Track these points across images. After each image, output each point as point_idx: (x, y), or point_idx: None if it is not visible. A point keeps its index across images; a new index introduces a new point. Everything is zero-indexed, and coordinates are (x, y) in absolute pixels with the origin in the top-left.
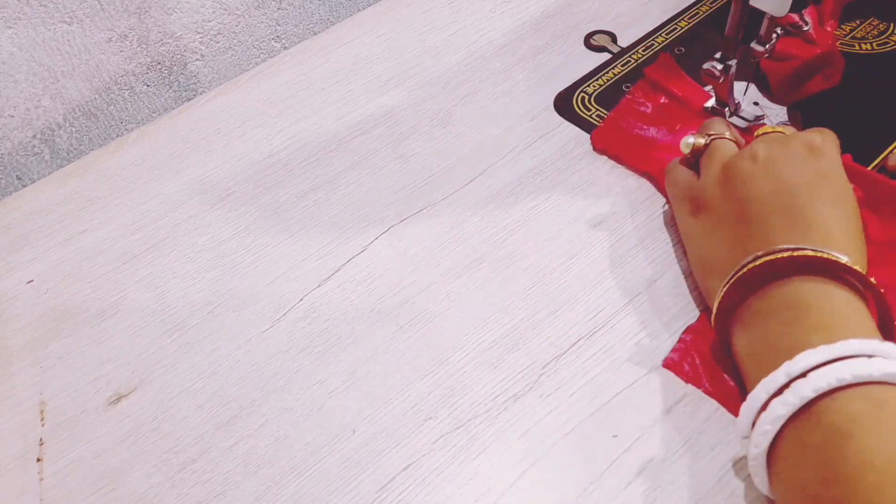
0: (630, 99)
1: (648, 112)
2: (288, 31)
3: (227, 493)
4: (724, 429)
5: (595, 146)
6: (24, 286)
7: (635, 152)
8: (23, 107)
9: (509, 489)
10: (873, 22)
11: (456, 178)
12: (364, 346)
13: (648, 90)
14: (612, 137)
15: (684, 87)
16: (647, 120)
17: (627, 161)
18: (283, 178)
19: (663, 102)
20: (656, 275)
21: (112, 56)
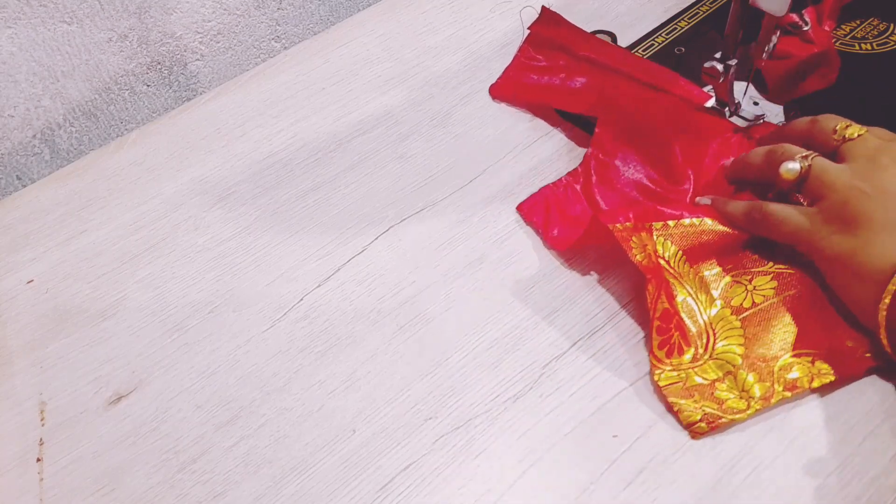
0: (523, 53)
1: (542, 65)
2: (288, 31)
3: (227, 493)
4: (724, 429)
5: (493, 96)
6: (24, 286)
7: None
8: (23, 107)
9: (509, 489)
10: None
11: (456, 178)
12: (364, 346)
13: (538, 45)
14: (509, 89)
15: (571, 36)
16: (540, 72)
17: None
18: (283, 178)
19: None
20: None
21: (112, 56)
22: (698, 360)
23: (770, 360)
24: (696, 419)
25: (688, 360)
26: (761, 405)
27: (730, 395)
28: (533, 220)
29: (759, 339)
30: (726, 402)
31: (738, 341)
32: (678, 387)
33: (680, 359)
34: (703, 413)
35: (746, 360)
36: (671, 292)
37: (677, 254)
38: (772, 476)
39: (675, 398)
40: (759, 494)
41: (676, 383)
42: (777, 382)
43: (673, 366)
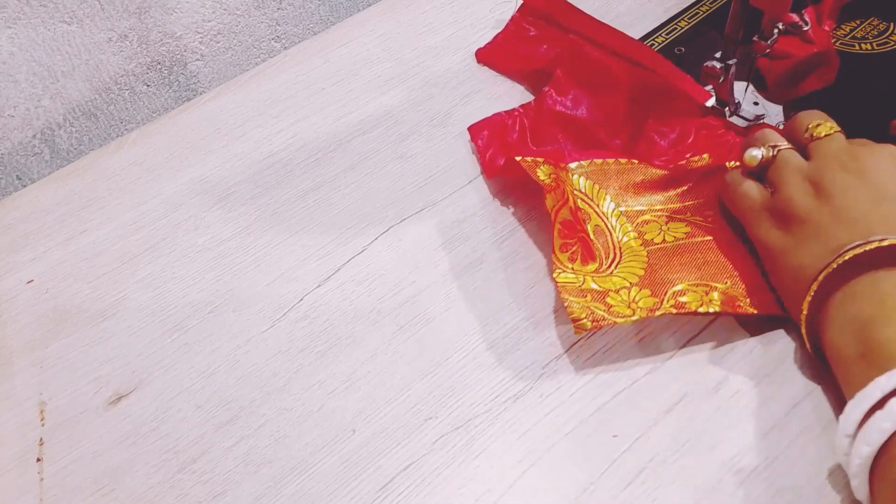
0: (514, 23)
1: (532, 34)
2: (288, 31)
3: (227, 493)
4: (725, 429)
5: (479, 61)
6: (24, 286)
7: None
8: (23, 107)
9: (509, 489)
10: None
11: (456, 178)
12: (364, 346)
13: (530, 16)
14: (496, 56)
15: (564, 11)
16: (529, 42)
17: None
18: (283, 178)
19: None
20: None
21: (112, 56)
22: (600, 272)
23: (667, 283)
24: (581, 316)
25: (589, 270)
26: (646, 314)
27: (619, 303)
28: (476, 141)
29: (662, 267)
30: (614, 308)
31: (641, 265)
32: (574, 286)
33: (583, 267)
34: (590, 311)
35: (644, 280)
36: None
37: (594, 187)
38: (772, 476)
39: (567, 295)
40: (759, 494)
41: (573, 283)
42: (667, 300)
43: (574, 270)
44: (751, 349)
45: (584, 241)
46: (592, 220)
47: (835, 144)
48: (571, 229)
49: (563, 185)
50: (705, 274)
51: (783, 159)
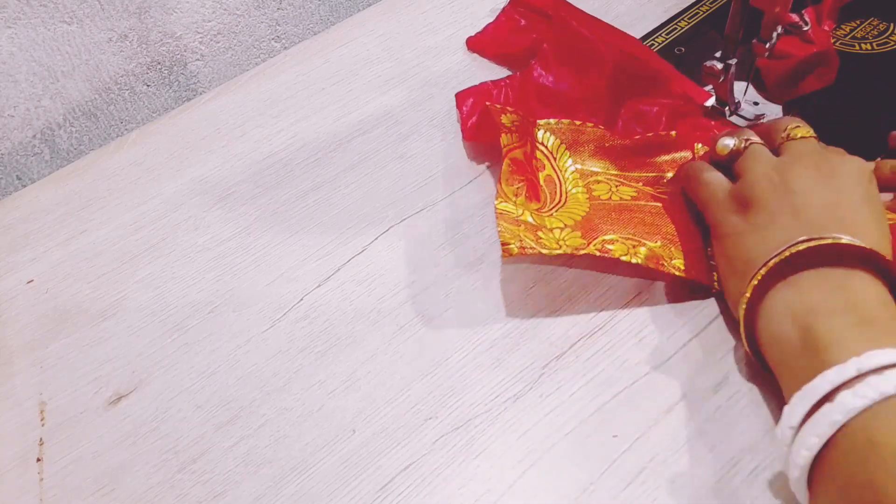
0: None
1: (522, 25)
2: (288, 31)
3: (227, 493)
4: (725, 429)
5: (469, 48)
6: (24, 286)
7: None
8: (23, 107)
9: (509, 489)
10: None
11: (456, 178)
12: (364, 346)
13: (521, 8)
14: (486, 45)
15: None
16: (518, 32)
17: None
18: (283, 178)
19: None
20: (656, 275)
21: (112, 56)
22: (541, 212)
23: (599, 231)
24: (510, 241)
25: (532, 207)
26: (570, 251)
27: (548, 238)
28: (461, 108)
29: (600, 218)
30: (542, 240)
31: (581, 212)
32: (511, 216)
33: (527, 203)
34: (519, 239)
35: (579, 224)
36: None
37: (562, 148)
38: (772, 476)
39: (503, 222)
40: (759, 494)
41: (511, 213)
42: (594, 244)
43: (516, 203)
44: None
45: (532, 183)
46: (546, 170)
47: (809, 146)
48: (521, 169)
49: (524, 135)
50: (639, 231)
51: (753, 151)
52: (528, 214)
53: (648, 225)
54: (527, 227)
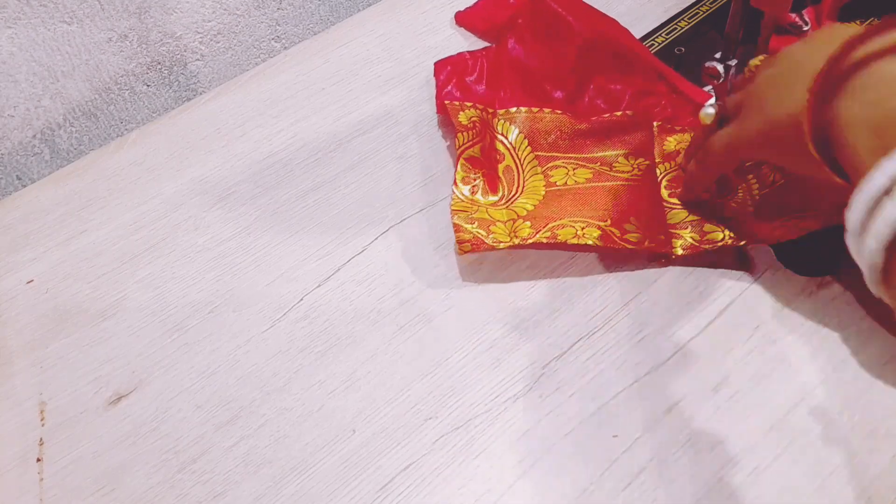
0: None
1: (511, 2)
2: (288, 31)
3: (227, 493)
4: (725, 429)
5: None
6: (24, 286)
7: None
8: (23, 107)
9: (509, 489)
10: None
11: None
12: (364, 346)
13: None
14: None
15: None
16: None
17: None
18: (283, 178)
19: None
20: (656, 275)
21: (112, 56)
22: (497, 205)
23: (549, 218)
24: (465, 239)
25: (487, 201)
26: (518, 241)
27: (500, 232)
28: (438, 76)
29: (551, 205)
30: (494, 234)
31: (534, 202)
32: (465, 214)
33: (483, 199)
34: (473, 236)
35: (530, 214)
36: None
37: (520, 137)
38: (772, 476)
39: (459, 220)
40: (759, 494)
41: (465, 211)
42: (543, 232)
43: (470, 200)
44: (751, 349)
45: (490, 176)
46: (506, 161)
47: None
48: (477, 165)
49: (484, 128)
50: (588, 213)
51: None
52: (483, 211)
53: (599, 206)
54: (480, 223)
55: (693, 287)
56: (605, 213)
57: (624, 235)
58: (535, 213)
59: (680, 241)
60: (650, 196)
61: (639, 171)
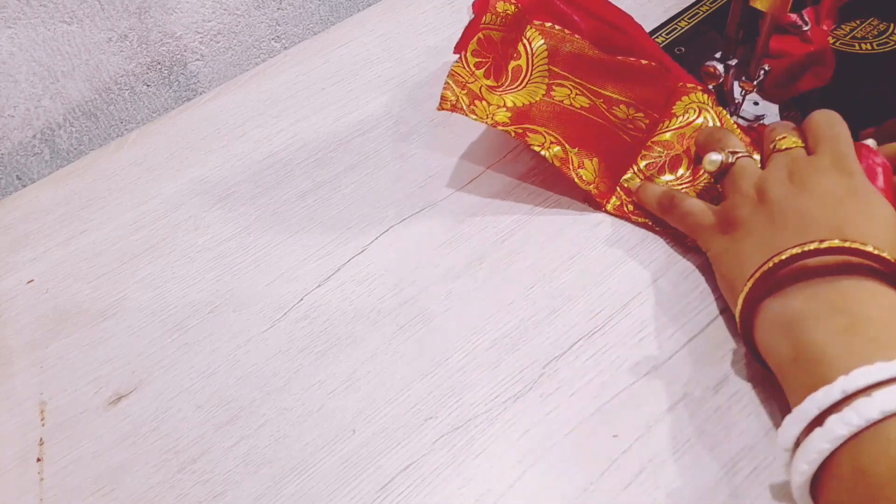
0: None
1: None
2: (288, 31)
3: (227, 493)
4: (725, 429)
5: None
6: (24, 286)
7: None
8: (23, 107)
9: (509, 489)
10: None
11: (456, 178)
12: (364, 346)
13: None
14: None
15: None
16: None
17: None
18: (283, 178)
19: None
20: (656, 275)
21: (112, 56)
22: (494, 89)
23: (530, 121)
24: (448, 97)
25: (486, 81)
26: (492, 123)
27: (482, 109)
28: None
29: (538, 114)
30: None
31: (525, 101)
32: (460, 79)
33: (484, 80)
34: (457, 99)
35: (516, 110)
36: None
37: (542, 48)
38: (772, 476)
39: (451, 81)
40: (759, 494)
41: (462, 77)
42: (516, 128)
43: (474, 75)
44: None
45: (498, 64)
46: (521, 61)
47: (790, 157)
48: (492, 48)
49: (513, 24)
50: (564, 134)
51: (740, 167)
52: (476, 85)
53: (577, 134)
54: (469, 92)
55: (693, 287)
56: (577, 141)
57: (579, 168)
58: (521, 109)
59: (615, 200)
60: (625, 150)
61: (631, 125)
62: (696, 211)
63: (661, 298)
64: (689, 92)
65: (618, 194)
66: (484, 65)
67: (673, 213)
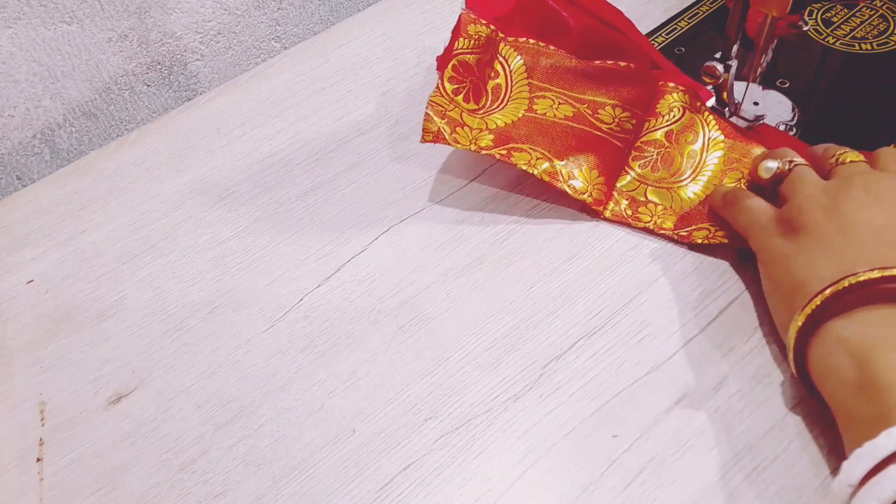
0: None
1: None
2: (288, 31)
3: (227, 493)
4: (725, 429)
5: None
6: (24, 286)
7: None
8: (23, 107)
9: (509, 489)
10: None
11: (456, 178)
12: (364, 346)
13: None
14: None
15: None
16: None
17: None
18: (283, 178)
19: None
20: (656, 275)
21: (112, 56)
22: (475, 112)
23: (513, 140)
24: (431, 129)
25: (466, 105)
26: (475, 149)
27: (464, 136)
28: None
29: (521, 129)
30: (457, 136)
31: (507, 120)
32: (440, 109)
33: (464, 103)
34: (438, 129)
35: (498, 131)
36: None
37: (520, 65)
38: (772, 476)
39: (431, 111)
40: (759, 494)
41: (441, 106)
42: (500, 149)
43: (453, 101)
44: (751, 349)
45: (477, 86)
46: (499, 80)
47: (861, 167)
48: (469, 72)
49: (488, 45)
50: (551, 148)
51: (799, 172)
52: (456, 112)
53: (564, 144)
54: (450, 120)
55: (693, 287)
56: (565, 153)
57: (570, 180)
58: (503, 130)
59: (613, 206)
60: (615, 154)
61: (618, 127)
62: (756, 207)
63: (661, 298)
64: (671, 91)
65: (615, 200)
66: (462, 90)
67: (733, 208)
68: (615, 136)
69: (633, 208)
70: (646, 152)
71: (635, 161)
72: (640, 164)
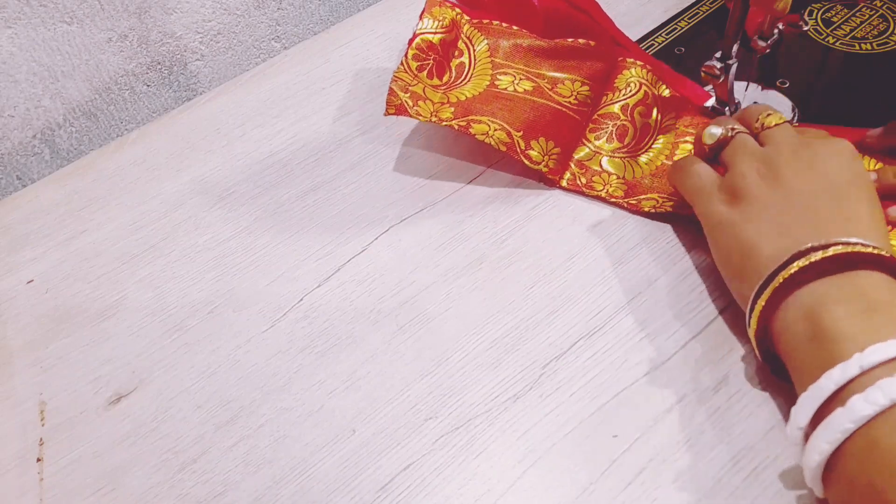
0: None
1: None
2: (288, 31)
3: (227, 493)
4: (725, 429)
5: None
6: (24, 286)
7: None
8: (23, 107)
9: (509, 489)
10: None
11: (456, 178)
12: (364, 346)
13: None
14: None
15: None
16: None
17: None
18: (283, 178)
19: None
20: (656, 275)
21: (112, 56)
22: (438, 87)
23: (473, 112)
24: (394, 103)
25: (430, 81)
26: (436, 121)
27: (425, 108)
28: None
29: (482, 102)
30: (419, 108)
31: (468, 94)
32: (403, 83)
33: (428, 79)
34: (401, 102)
35: (459, 104)
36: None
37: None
38: (772, 476)
39: (395, 87)
40: (759, 494)
41: (405, 81)
42: (459, 121)
43: (416, 77)
44: (750, 349)
45: (441, 63)
46: (463, 59)
47: (786, 132)
48: (432, 50)
49: (452, 27)
50: (510, 119)
51: (740, 140)
52: (419, 87)
53: (521, 117)
54: (412, 94)
55: (693, 287)
56: (522, 125)
57: (527, 150)
58: (464, 103)
59: (568, 175)
60: (573, 126)
61: (576, 100)
62: (701, 173)
63: (661, 298)
64: (630, 67)
65: (571, 170)
66: (426, 67)
67: (680, 173)
68: (573, 110)
69: (587, 177)
70: (602, 125)
71: (592, 133)
72: (597, 135)
